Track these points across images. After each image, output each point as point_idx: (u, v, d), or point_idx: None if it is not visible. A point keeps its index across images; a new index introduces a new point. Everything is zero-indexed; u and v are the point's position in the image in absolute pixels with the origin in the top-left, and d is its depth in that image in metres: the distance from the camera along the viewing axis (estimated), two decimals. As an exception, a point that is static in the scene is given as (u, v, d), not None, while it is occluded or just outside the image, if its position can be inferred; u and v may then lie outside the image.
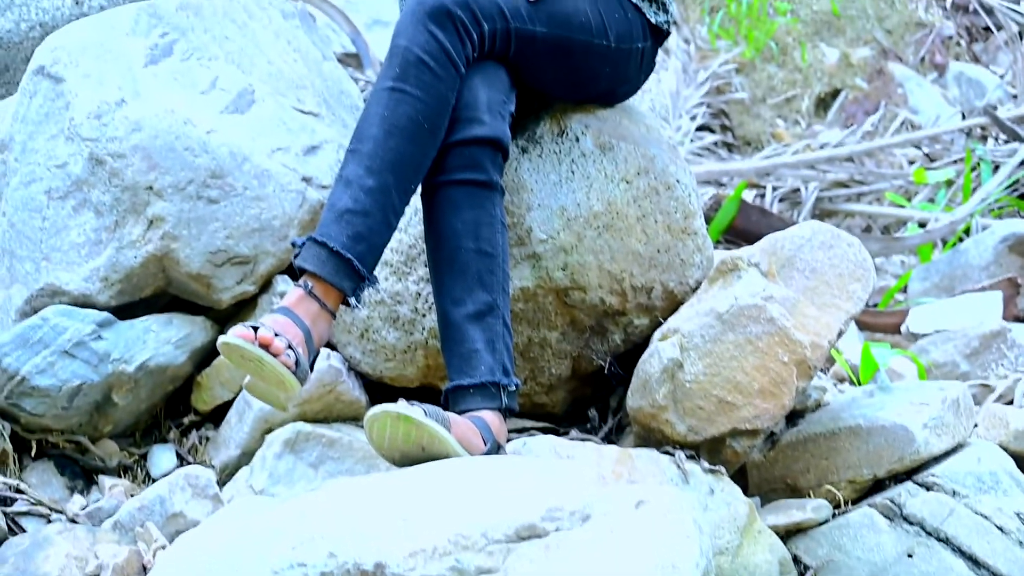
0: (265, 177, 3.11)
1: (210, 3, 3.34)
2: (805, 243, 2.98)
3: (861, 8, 6.00)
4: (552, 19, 2.87)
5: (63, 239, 3.12)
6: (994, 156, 5.13)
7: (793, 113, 5.67)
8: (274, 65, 3.31)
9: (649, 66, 3.11)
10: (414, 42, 2.73)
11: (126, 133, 3.07)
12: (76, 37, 3.20)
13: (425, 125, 2.72)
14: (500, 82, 2.84)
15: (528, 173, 3.01)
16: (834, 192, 5.10)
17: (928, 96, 5.80)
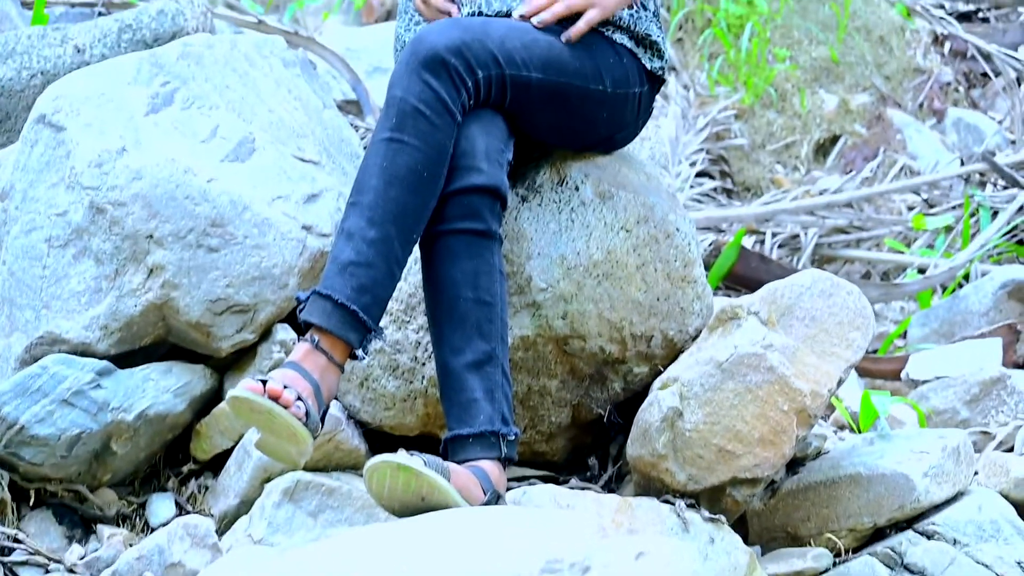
0: (265, 226, 3.12)
1: (211, 52, 3.35)
2: (805, 291, 2.99)
3: (860, 55, 6.02)
4: (547, 65, 2.88)
5: (63, 287, 3.13)
6: (993, 202, 5.14)
7: (792, 159, 5.68)
8: (275, 113, 3.32)
9: (646, 112, 3.12)
10: (409, 92, 2.74)
11: (127, 182, 3.08)
12: (78, 86, 3.22)
13: (424, 174, 2.73)
14: (498, 130, 2.85)
15: (528, 222, 3.01)
16: (833, 238, 5.11)
17: (927, 142, 5.81)
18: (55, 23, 4.64)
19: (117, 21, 3.78)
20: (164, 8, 3.81)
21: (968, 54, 6.36)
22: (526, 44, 2.85)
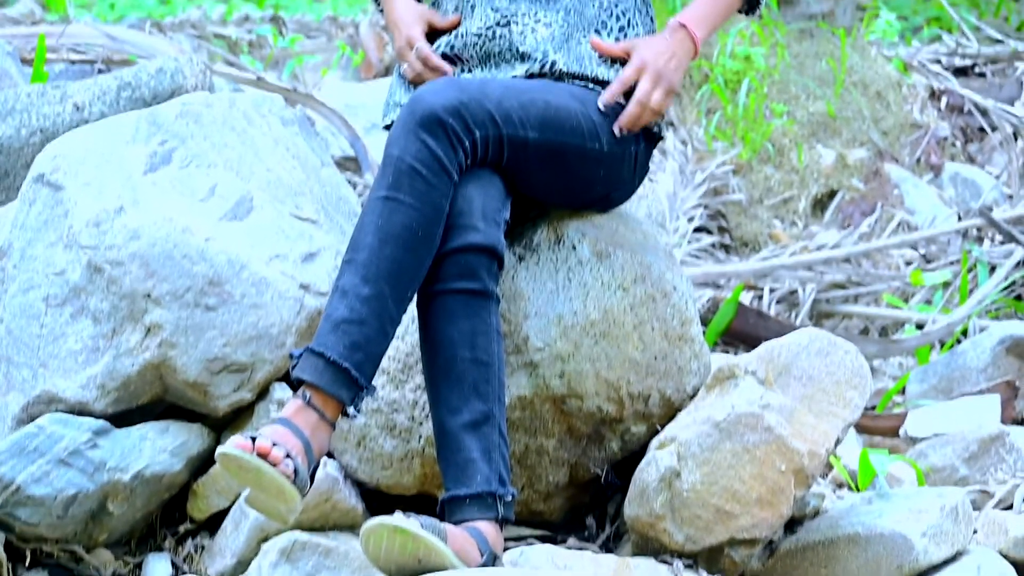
0: (263, 285, 3.12)
1: (210, 111, 3.36)
2: (802, 350, 2.99)
3: (857, 110, 6.04)
4: (544, 125, 2.89)
5: (60, 346, 3.13)
6: (991, 257, 5.15)
7: (790, 214, 5.69)
8: (273, 172, 3.33)
9: (643, 169, 3.13)
10: (406, 151, 2.76)
11: (124, 241, 3.08)
12: (76, 145, 3.23)
13: (420, 233, 2.74)
14: (494, 189, 2.86)
15: (525, 281, 3.02)
16: (831, 293, 5.11)
17: (924, 197, 5.83)
18: (55, 80, 4.66)
19: (116, 79, 3.80)
20: (163, 66, 3.83)
21: (965, 109, 6.39)
22: (523, 104, 2.86)
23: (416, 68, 3.06)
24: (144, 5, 6.97)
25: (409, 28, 3.08)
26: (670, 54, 3.00)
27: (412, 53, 3.05)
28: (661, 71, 2.99)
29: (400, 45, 3.08)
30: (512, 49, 3.00)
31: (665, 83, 2.99)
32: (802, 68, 6.11)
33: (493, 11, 3.02)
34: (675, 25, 3.03)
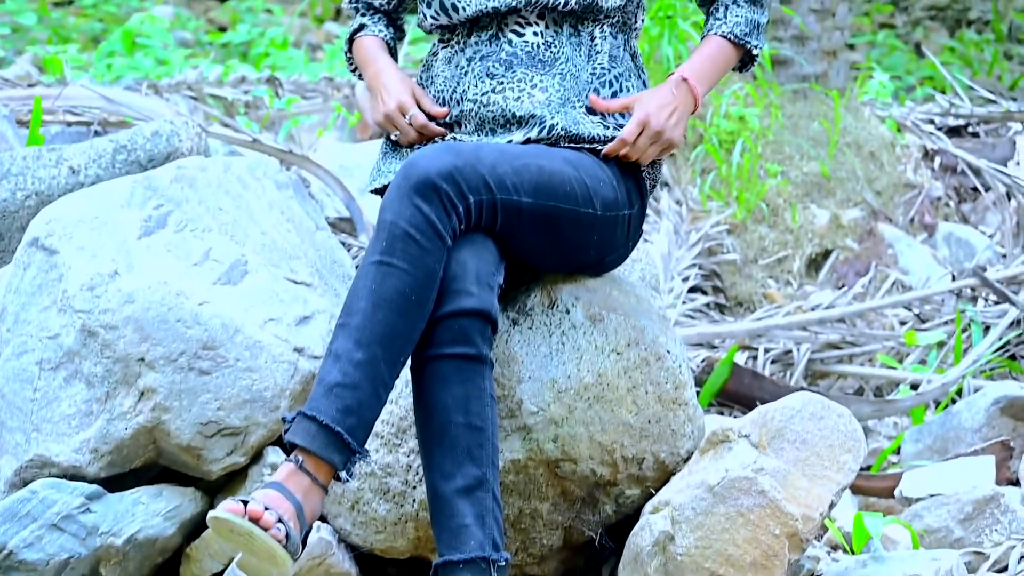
0: (257, 348, 3.12)
1: (205, 175, 3.38)
2: (795, 414, 2.99)
3: (851, 170, 6.06)
4: (538, 190, 2.90)
5: (54, 410, 3.13)
6: (984, 317, 5.15)
7: (785, 274, 5.70)
8: (268, 235, 3.34)
9: (636, 233, 3.14)
10: (400, 216, 2.77)
11: (119, 305, 3.09)
12: (71, 209, 3.24)
13: (413, 298, 2.74)
14: (489, 254, 2.87)
15: (519, 345, 3.02)
16: (826, 353, 5.11)
17: (918, 256, 5.84)
18: (51, 142, 4.67)
19: (112, 142, 3.81)
20: (159, 129, 3.84)
21: (958, 169, 6.40)
22: (517, 169, 2.88)
23: (409, 134, 3.08)
24: (141, 66, 7.00)
25: (400, 94, 3.10)
26: (671, 108, 3.02)
27: (405, 119, 3.07)
28: (663, 128, 3.02)
29: (390, 110, 3.10)
30: (508, 114, 3.02)
31: (664, 141, 3.02)
32: (796, 129, 6.13)
33: (489, 77, 3.04)
34: (677, 79, 3.06)
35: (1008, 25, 11.82)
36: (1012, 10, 11.94)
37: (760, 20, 3.16)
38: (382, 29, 3.26)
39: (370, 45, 3.23)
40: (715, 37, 3.14)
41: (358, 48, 3.28)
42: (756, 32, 3.15)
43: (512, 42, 3.05)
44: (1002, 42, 11.63)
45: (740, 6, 3.15)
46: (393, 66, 3.18)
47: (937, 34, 12.38)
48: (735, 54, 3.15)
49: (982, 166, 6.29)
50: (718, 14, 3.16)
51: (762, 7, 3.17)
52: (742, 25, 3.13)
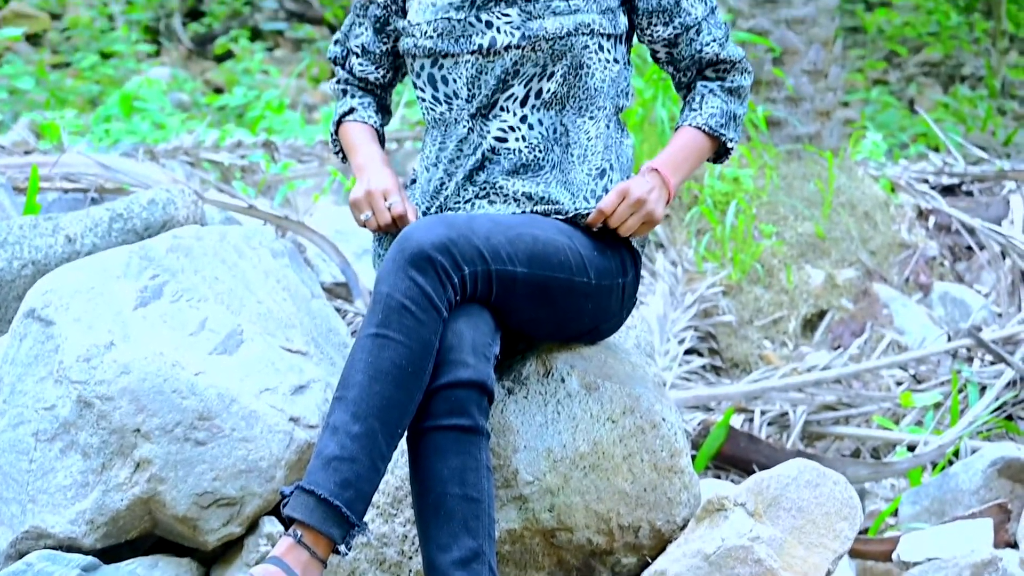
0: (253, 418, 3.12)
1: (200, 244, 3.38)
2: (791, 482, 2.99)
3: (845, 230, 6.08)
4: (532, 259, 2.91)
5: (50, 481, 3.12)
6: (980, 377, 5.16)
7: (780, 334, 5.71)
8: (263, 304, 3.35)
9: (631, 301, 3.15)
10: (396, 288, 2.78)
11: (114, 376, 3.09)
12: (67, 280, 3.24)
13: (409, 369, 2.75)
14: (484, 324, 2.88)
15: (514, 415, 3.02)
16: (823, 415, 5.12)
17: (914, 316, 5.85)
18: (48, 209, 4.69)
19: (108, 210, 3.83)
20: (155, 197, 3.85)
21: (953, 228, 6.43)
22: (511, 239, 2.89)
23: (383, 217, 3.05)
24: (138, 130, 7.03)
25: (387, 181, 3.09)
26: (650, 187, 3.03)
27: (384, 202, 3.06)
28: (643, 196, 3.01)
29: (373, 189, 3.07)
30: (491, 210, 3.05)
31: (645, 213, 3.02)
32: (790, 189, 6.16)
33: (472, 184, 3.05)
34: (647, 169, 3.07)
35: (1001, 81, 11.89)
36: (1005, 66, 12.01)
37: (737, 112, 3.16)
38: (371, 115, 3.27)
39: (359, 131, 3.24)
40: (689, 128, 3.14)
41: (345, 132, 3.28)
42: (732, 124, 3.15)
43: (496, 149, 3.05)
44: (995, 98, 11.69)
45: (717, 96, 3.15)
46: (381, 155, 3.18)
47: (931, 90, 12.44)
48: (710, 145, 3.14)
49: (976, 225, 6.32)
50: (694, 104, 3.16)
51: (739, 98, 3.17)
52: (717, 116, 3.13)
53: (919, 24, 12.92)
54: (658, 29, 3.14)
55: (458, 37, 3.04)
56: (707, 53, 3.14)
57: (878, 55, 13.06)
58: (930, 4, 13.09)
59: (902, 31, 12.97)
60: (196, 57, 12.21)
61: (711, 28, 3.14)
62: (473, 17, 3.04)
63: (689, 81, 3.19)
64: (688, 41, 3.13)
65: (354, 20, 3.28)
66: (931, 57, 12.94)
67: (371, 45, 3.25)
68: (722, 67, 3.16)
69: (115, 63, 10.46)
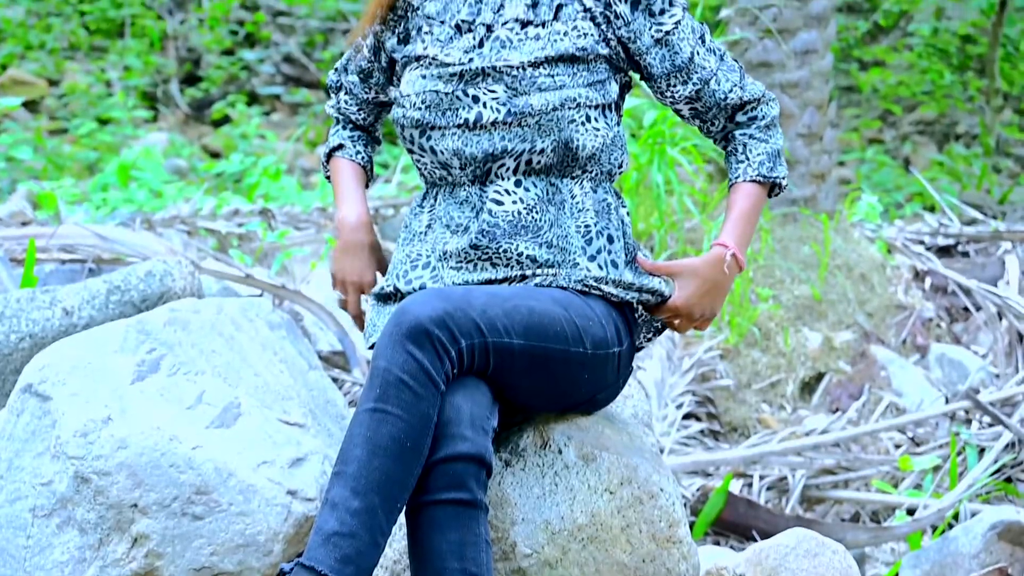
0: (250, 492, 3.12)
1: (198, 317, 3.39)
2: (790, 552, 2.99)
3: (842, 293, 6.09)
4: (529, 331, 2.92)
5: (47, 557, 3.11)
6: (979, 440, 5.16)
7: (778, 398, 5.71)
8: (260, 377, 3.35)
9: (627, 370, 3.15)
10: (393, 363, 2.78)
11: (112, 451, 3.09)
12: (64, 355, 3.25)
13: (408, 444, 2.75)
14: (482, 397, 2.88)
15: (511, 487, 3.02)
16: (822, 479, 5.11)
17: (911, 378, 5.85)
18: (45, 279, 4.70)
19: (106, 283, 3.83)
20: (152, 269, 3.87)
21: (949, 289, 6.44)
22: (507, 311, 2.90)
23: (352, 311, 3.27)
24: (135, 198, 7.05)
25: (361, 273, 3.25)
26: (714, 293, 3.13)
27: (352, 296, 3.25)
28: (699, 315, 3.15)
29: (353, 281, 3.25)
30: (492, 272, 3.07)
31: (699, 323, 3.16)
32: (786, 252, 6.17)
33: (472, 248, 3.06)
34: (728, 258, 3.13)
35: (996, 139, 11.94)
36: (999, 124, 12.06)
37: (777, 146, 3.18)
38: (359, 151, 3.35)
39: (345, 173, 3.33)
40: (745, 184, 3.16)
41: (333, 169, 3.37)
42: (779, 161, 3.18)
43: (493, 212, 3.07)
44: (990, 156, 11.74)
45: (758, 140, 3.17)
46: (360, 210, 3.27)
47: (926, 148, 12.49)
48: (764, 193, 3.18)
49: (972, 286, 6.33)
50: (739, 156, 3.18)
51: (774, 129, 3.20)
52: (766, 162, 3.16)
53: (913, 83, 12.99)
54: (678, 89, 3.16)
55: (445, 110, 3.07)
56: (731, 100, 3.16)
57: (873, 114, 13.11)
58: (924, 63, 13.16)
59: (896, 90, 13.03)
60: (193, 122, 12.27)
61: (727, 75, 3.16)
62: (460, 91, 3.06)
63: (719, 129, 3.21)
64: (710, 93, 3.15)
65: (351, 57, 3.33)
66: (926, 116, 13.00)
67: (356, 89, 3.32)
68: (749, 107, 3.18)
69: (112, 129, 10.50)
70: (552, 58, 3.05)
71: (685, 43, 3.12)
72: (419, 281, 3.09)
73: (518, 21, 3.09)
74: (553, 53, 3.05)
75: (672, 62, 3.13)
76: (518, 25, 3.08)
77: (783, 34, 6.30)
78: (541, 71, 3.04)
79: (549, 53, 3.05)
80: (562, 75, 3.05)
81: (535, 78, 3.04)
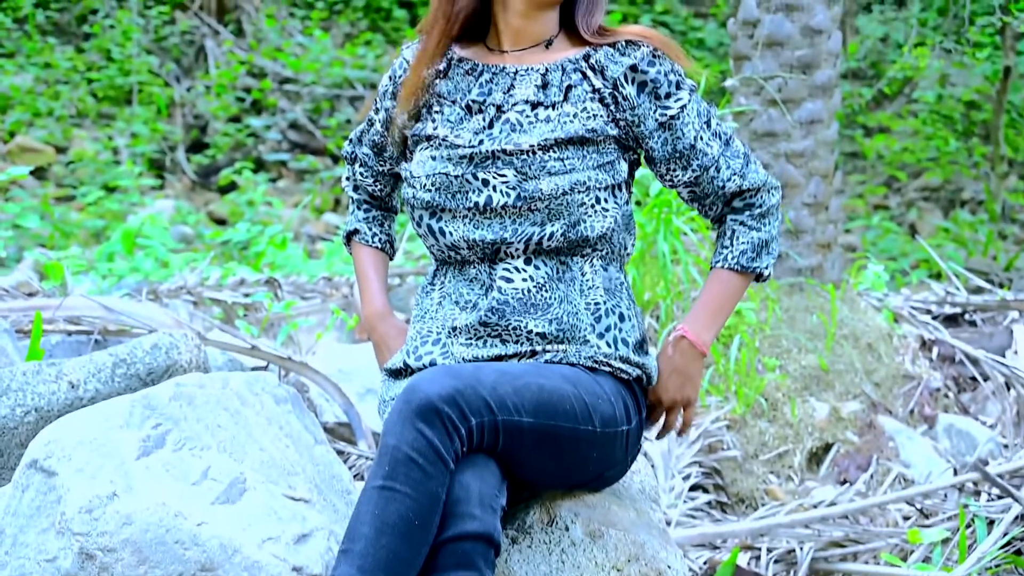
0: (255, 569, 3.10)
1: (203, 392, 3.38)
2: (799, 631, 2.96)
3: (849, 362, 6.08)
4: (538, 409, 2.91)
5: (51, 635, 3.09)
6: (988, 512, 5.12)
7: (786, 468, 5.68)
8: (266, 452, 3.34)
9: (635, 448, 3.15)
10: (403, 440, 2.77)
11: (117, 527, 3.07)
12: (70, 431, 3.24)
13: (416, 523, 2.74)
14: (491, 475, 2.87)
15: (518, 564, 3.00)
16: (830, 552, 5.07)
17: (919, 449, 5.83)
18: (51, 351, 4.69)
19: (111, 356, 3.83)
20: (158, 342, 3.86)
21: (956, 358, 6.42)
22: (517, 389, 2.89)
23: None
24: (142, 267, 7.06)
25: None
26: (681, 381, 3.11)
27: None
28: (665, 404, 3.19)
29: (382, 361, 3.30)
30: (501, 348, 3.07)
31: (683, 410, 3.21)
32: (793, 322, 6.16)
33: (482, 325, 3.06)
34: (675, 339, 3.13)
35: (1001, 205, 11.96)
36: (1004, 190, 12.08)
37: (767, 237, 3.17)
38: (376, 233, 3.40)
39: (364, 262, 3.38)
40: (723, 272, 3.17)
41: (354, 256, 3.46)
42: (764, 251, 3.17)
43: (503, 289, 3.07)
44: (996, 222, 11.76)
45: (748, 227, 3.17)
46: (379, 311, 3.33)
47: (931, 215, 12.50)
48: (744, 281, 3.18)
49: (980, 356, 6.31)
50: (725, 241, 3.19)
51: (769, 219, 3.19)
52: (748, 252, 3.16)
53: (918, 150, 13.03)
54: (677, 174, 3.16)
55: (455, 193, 3.07)
56: (729, 188, 3.16)
57: (878, 180, 13.14)
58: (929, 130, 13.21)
59: (901, 156, 13.07)
60: (200, 188, 12.31)
61: (729, 162, 3.16)
62: (470, 174, 3.07)
63: (717, 215, 3.21)
64: (709, 180, 3.15)
65: (364, 129, 3.36)
66: (931, 182, 13.03)
67: (370, 161, 3.36)
68: (748, 195, 3.18)
69: (119, 197, 10.53)
70: (562, 140, 3.05)
71: (689, 128, 3.12)
72: (429, 357, 3.09)
73: (528, 102, 3.09)
74: (563, 135, 3.05)
75: (674, 147, 3.13)
76: (528, 107, 3.09)
77: (788, 104, 6.32)
78: (551, 155, 3.04)
79: (559, 135, 3.05)
80: (572, 158, 3.05)
81: (545, 162, 3.04)
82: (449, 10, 3.13)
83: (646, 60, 3.11)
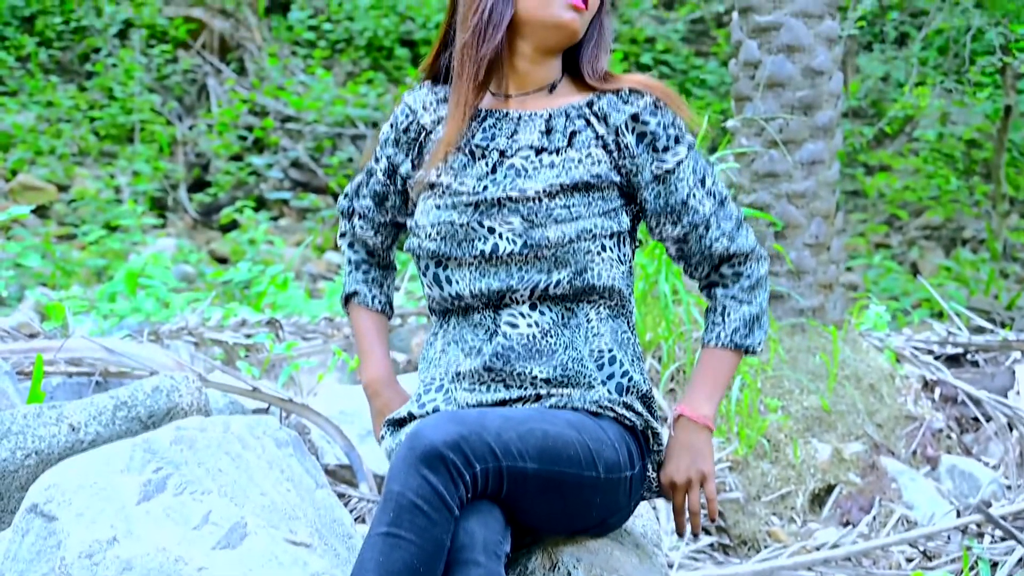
0: (256, 615, 3.09)
1: (204, 435, 3.37)
2: (803, 678, 2.94)
3: (851, 403, 6.06)
4: (542, 455, 2.90)
5: None
6: (992, 554, 5.10)
7: (788, 510, 5.66)
8: (267, 496, 3.33)
9: (638, 494, 3.14)
10: (407, 487, 2.76)
11: (117, 573, 3.06)
12: (70, 475, 3.23)
13: (421, 570, 2.73)
14: (495, 521, 2.86)
15: (521, 611, 2.99)
16: (833, 595, 5.05)
17: (922, 490, 5.81)
18: (52, 392, 4.69)
19: (112, 398, 3.82)
20: (159, 385, 3.85)
21: (959, 399, 6.41)
22: (521, 435, 2.88)
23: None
24: (143, 307, 7.06)
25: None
26: (690, 457, 3.10)
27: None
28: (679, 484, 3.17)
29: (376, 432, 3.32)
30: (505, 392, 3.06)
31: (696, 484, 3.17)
32: (795, 363, 6.15)
33: (485, 370, 3.05)
34: (675, 417, 3.14)
35: (1003, 244, 11.96)
36: (1006, 229, 12.09)
37: (757, 311, 3.16)
38: (375, 295, 3.37)
39: (363, 325, 3.39)
40: (715, 350, 3.17)
41: (352, 319, 3.44)
42: (756, 327, 3.16)
43: (507, 335, 3.07)
44: (997, 260, 11.76)
45: (739, 302, 3.16)
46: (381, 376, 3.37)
47: (933, 253, 12.51)
48: (736, 358, 3.17)
49: (982, 397, 6.30)
50: (716, 318, 3.18)
51: (758, 291, 3.17)
52: (741, 330, 3.15)
53: (919, 188, 13.04)
54: (667, 228, 3.16)
55: (460, 241, 3.06)
56: (717, 249, 3.15)
57: (879, 219, 13.15)
58: (930, 168, 13.22)
59: (902, 195, 13.08)
60: (201, 227, 12.31)
61: (720, 222, 3.14)
62: (475, 222, 3.06)
63: (703, 276, 3.20)
64: (697, 238, 3.14)
65: (362, 181, 3.34)
66: (932, 221, 13.03)
67: (371, 213, 3.34)
68: (735, 260, 3.17)
69: (121, 235, 10.54)
70: (567, 187, 3.05)
71: (683, 184, 3.11)
72: (432, 404, 3.08)
73: (532, 148, 3.09)
74: (568, 181, 3.05)
75: (666, 201, 3.12)
76: (532, 152, 3.08)
77: (789, 145, 6.32)
78: (557, 202, 3.04)
79: (564, 181, 3.05)
80: (577, 205, 3.05)
81: (551, 209, 3.03)
82: (475, 55, 3.09)
83: (648, 110, 3.10)
